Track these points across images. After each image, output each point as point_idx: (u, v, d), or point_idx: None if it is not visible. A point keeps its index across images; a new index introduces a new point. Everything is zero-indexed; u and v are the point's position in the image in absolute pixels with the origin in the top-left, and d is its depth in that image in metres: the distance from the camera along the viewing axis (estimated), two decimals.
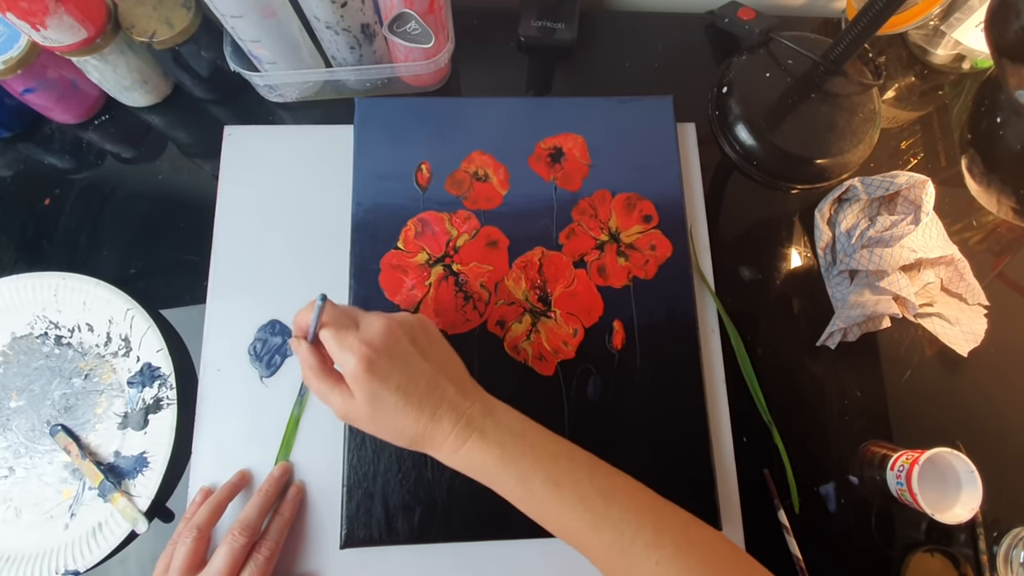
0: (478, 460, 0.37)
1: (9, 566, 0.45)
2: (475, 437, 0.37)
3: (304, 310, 0.39)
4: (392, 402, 0.36)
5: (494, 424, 0.38)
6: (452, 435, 0.37)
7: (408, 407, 0.36)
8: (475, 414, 0.37)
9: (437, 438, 0.37)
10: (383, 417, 0.36)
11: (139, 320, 0.50)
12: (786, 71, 0.57)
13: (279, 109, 0.59)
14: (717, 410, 0.51)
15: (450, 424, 0.37)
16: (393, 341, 0.37)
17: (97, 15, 0.48)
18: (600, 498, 0.36)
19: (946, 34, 0.60)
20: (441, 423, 0.37)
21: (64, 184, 0.56)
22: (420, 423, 0.36)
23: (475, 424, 0.37)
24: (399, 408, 0.36)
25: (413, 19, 0.50)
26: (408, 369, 0.37)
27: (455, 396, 0.37)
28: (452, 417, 0.37)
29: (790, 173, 0.57)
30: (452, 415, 0.37)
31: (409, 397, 0.36)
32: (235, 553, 0.41)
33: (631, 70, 0.62)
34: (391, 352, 0.37)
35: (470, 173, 0.54)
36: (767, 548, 0.49)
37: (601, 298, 0.51)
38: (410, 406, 0.36)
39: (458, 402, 0.37)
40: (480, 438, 0.37)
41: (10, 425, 0.49)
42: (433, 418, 0.37)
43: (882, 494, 0.49)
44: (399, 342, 0.37)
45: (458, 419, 0.37)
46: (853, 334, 0.53)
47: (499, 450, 0.37)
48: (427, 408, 0.36)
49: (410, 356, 0.37)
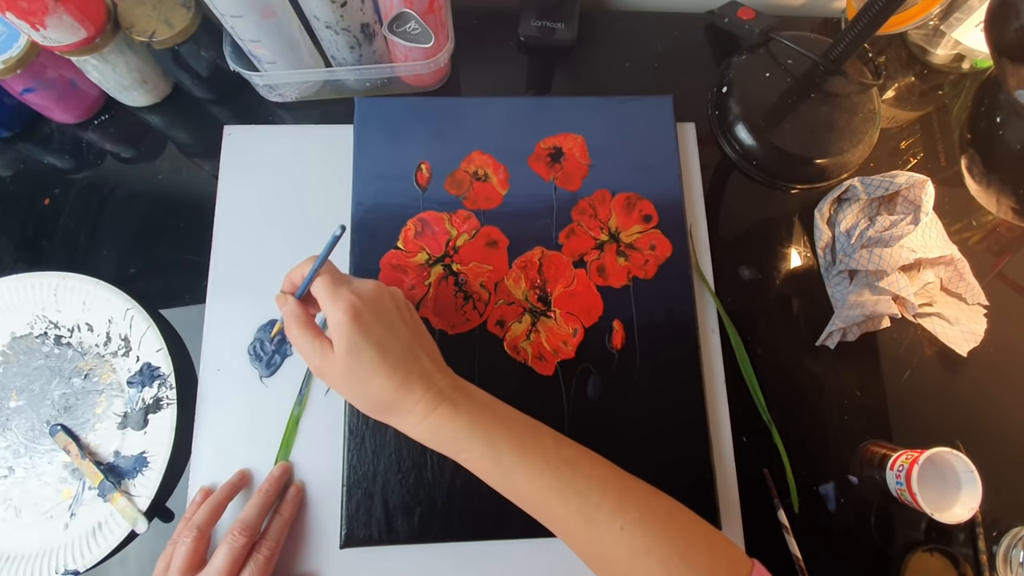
0: (447, 427, 0.37)
1: (9, 566, 0.45)
2: (445, 405, 0.37)
3: (298, 267, 0.40)
4: (369, 356, 0.36)
5: (464, 396, 0.38)
6: (422, 402, 0.37)
7: (383, 365, 0.37)
8: (445, 386, 0.38)
9: (406, 404, 0.37)
10: (357, 372, 0.37)
11: (139, 320, 0.50)
12: (786, 71, 0.57)
13: (279, 109, 0.59)
14: (717, 410, 0.51)
15: (421, 390, 0.37)
16: (381, 300, 0.38)
17: (96, 15, 0.48)
18: (565, 466, 0.37)
19: (946, 34, 0.60)
20: (412, 388, 0.37)
21: (64, 184, 0.56)
22: (392, 384, 0.37)
23: (445, 394, 0.38)
24: (374, 364, 0.36)
25: (413, 19, 0.50)
26: (389, 329, 0.38)
27: (429, 366, 0.38)
28: (423, 384, 0.37)
29: (790, 173, 0.57)
30: (423, 383, 0.37)
31: (385, 355, 0.37)
32: (235, 553, 0.41)
33: (631, 70, 0.62)
34: (376, 310, 0.38)
35: (470, 173, 0.54)
36: (767, 548, 0.49)
37: (601, 298, 0.52)
38: (385, 364, 0.37)
39: (431, 372, 0.38)
40: (450, 407, 0.37)
41: (10, 425, 0.49)
42: (405, 381, 0.37)
43: (882, 494, 0.49)
44: (386, 303, 0.39)
45: (428, 387, 0.38)
46: (853, 334, 0.53)
47: (468, 417, 0.37)
48: (400, 370, 0.37)
49: (393, 319, 0.38)
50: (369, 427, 0.48)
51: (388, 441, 0.47)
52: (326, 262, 0.39)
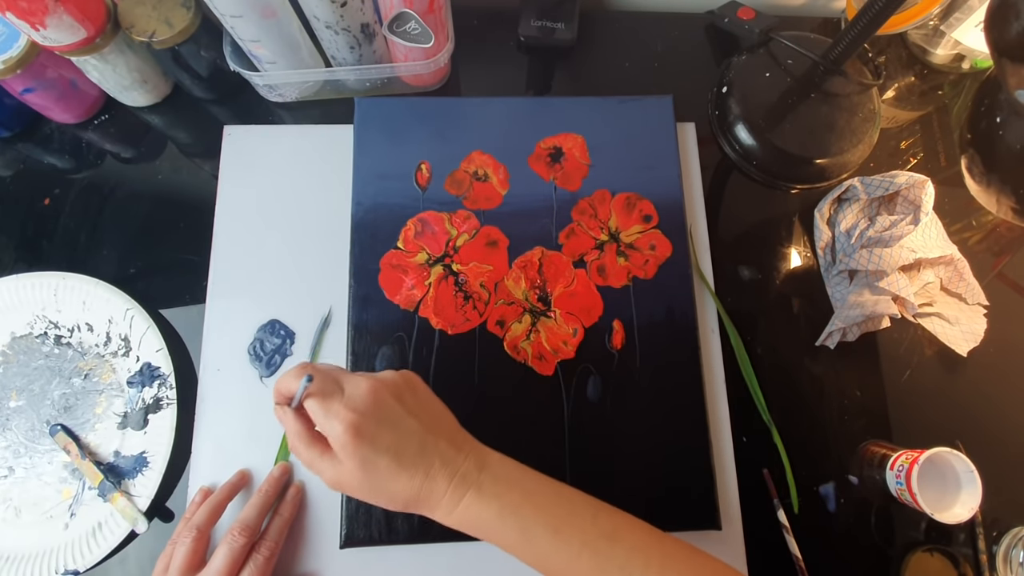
0: (476, 515, 0.36)
1: (9, 566, 0.45)
2: (472, 492, 0.36)
3: (285, 376, 0.38)
4: (384, 465, 0.35)
5: (490, 477, 0.36)
6: (448, 493, 0.36)
7: (400, 469, 0.35)
8: (470, 468, 0.36)
9: (433, 498, 0.36)
10: (376, 482, 0.35)
11: (139, 320, 0.50)
12: (786, 71, 0.57)
13: (279, 109, 0.59)
14: (717, 410, 0.51)
15: (445, 482, 0.36)
16: (379, 403, 0.36)
17: (96, 15, 0.48)
18: (603, 541, 0.35)
19: (946, 34, 0.60)
20: (436, 482, 0.35)
21: (64, 184, 0.56)
22: (414, 484, 0.35)
23: (470, 479, 0.36)
24: (391, 471, 0.35)
25: (413, 19, 0.50)
26: (397, 430, 0.36)
27: (448, 451, 0.36)
28: (446, 474, 0.36)
29: (790, 173, 0.57)
30: (446, 472, 0.36)
31: (401, 459, 0.35)
32: (234, 553, 0.41)
33: (631, 70, 0.62)
34: (378, 415, 0.36)
35: (470, 173, 0.54)
36: (767, 548, 0.49)
37: (601, 298, 0.52)
38: (402, 468, 0.35)
39: (451, 457, 0.36)
40: (477, 493, 0.36)
41: (10, 425, 0.49)
42: (427, 478, 0.35)
43: (882, 494, 0.49)
44: (385, 403, 0.36)
45: (452, 476, 0.36)
46: (852, 334, 0.53)
47: (497, 503, 0.36)
48: (420, 468, 0.35)
49: (398, 416, 0.36)
50: None
51: None
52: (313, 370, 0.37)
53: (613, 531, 0.36)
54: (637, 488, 0.48)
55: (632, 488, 0.48)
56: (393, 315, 0.50)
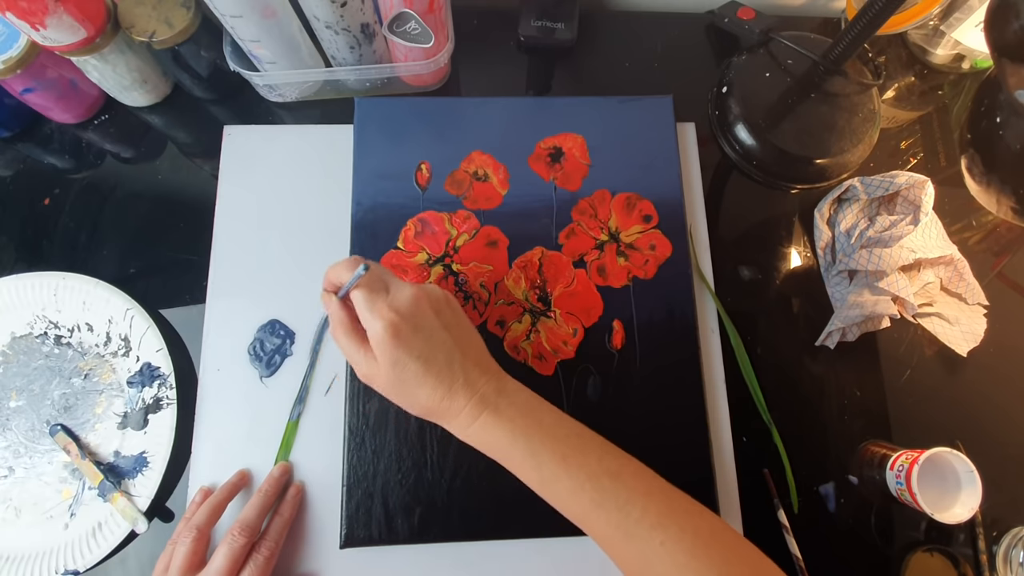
0: (490, 435, 0.38)
1: (9, 566, 0.45)
2: (488, 413, 0.38)
3: (337, 265, 0.40)
4: (412, 370, 0.37)
5: (507, 402, 0.38)
6: (466, 410, 0.38)
7: (427, 377, 0.37)
8: (489, 391, 0.38)
9: (452, 411, 0.38)
10: (402, 384, 0.37)
11: (139, 320, 0.50)
12: (786, 71, 0.57)
13: (279, 109, 0.59)
14: (717, 410, 0.51)
15: (464, 399, 0.38)
16: (420, 311, 0.38)
17: (96, 15, 0.48)
18: (607, 478, 0.37)
19: (946, 34, 0.60)
20: (456, 398, 0.37)
21: (64, 184, 0.56)
22: (436, 395, 0.37)
23: (489, 401, 0.38)
24: (418, 377, 0.37)
25: (413, 19, 0.50)
26: (431, 340, 0.38)
27: (472, 371, 0.38)
28: (467, 393, 0.38)
29: (790, 173, 0.57)
30: (467, 391, 0.38)
31: (429, 367, 0.37)
32: (234, 553, 0.41)
33: (631, 70, 0.62)
34: (416, 322, 0.37)
35: (470, 173, 0.54)
36: (767, 548, 0.48)
37: (601, 298, 0.52)
38: (428, 376, 0.37)
39: (474, 378, 0.38)
40: (493, 414, 0.38)
41: (10, 425, 0.49)
42: (449, 391, 0.37)
43: (882, 494, 0.49)
44: (425, 313, 0.38)
45: (472, 395, 0.38)
46: (852, 334, 0.53)
47: (510, 425, 0.37)
48: (444, 380, 0.37)
49: (434, 328, 0.38)
50: (369, 427, 0.48)
51: (388, 441, 0.47)
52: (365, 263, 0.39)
53: (618, 471, 0.38)
54: None
55: None
56: None
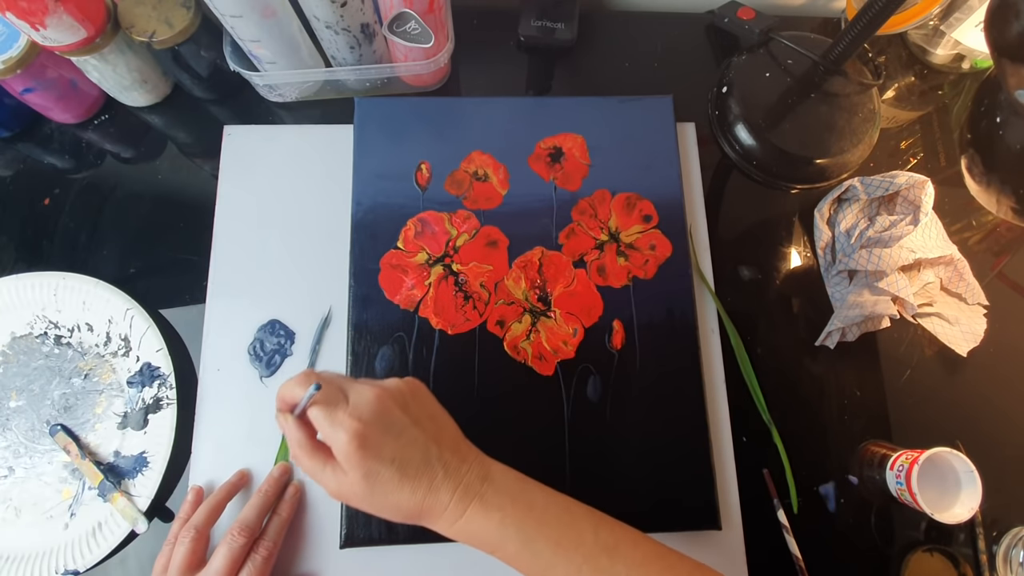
0: (479, 527, 0.36)
1: (9, 566, 0.45)
2: (475, 504, 0.36)
3: (289, 384, 0.37)
4: (387, 476, 0.35)
5: (492, 489, 0.36)
6: (452, 505, 0.36)
7: (404, 480, 0.35)
8: (473, 480, 0.36)
9: (436, 509, 0.36)
10: (379, 493, 0.35)
11: (139, 320, 0.50)
12: (786, 71, 0.57)
13: (279, 109, 0.59)
14: (716, 409, 0.51)
15: (448, 494, 0.36)
16: (384, 412, 0.36)
17: (96, 15, 0.48)
18: (604, 556, 0.36)
19: (946, 34, 0.60)
20: (440, 493, 0.35)
21: (64, 184, 0.56)
22: (417, 496, 0.35)
23: (473, 490, 0.36)
24: (395, 482, 0.35)
25: (413, 19, 0.50)
26: (401, 440, 0.36)
27: (451, 461, 0.36)
28: (450, 486, 0.36)
29: (790, 173, 0.57)
30: (450, 484, 0.36)
31: (405, 469, 0.35)
32: (234, 553, 0.41)
33: (631, 70, 0.62)
34: (383, 425, 0.35)
35: (470, 173, 0.54)
36: (767, 548, 0.49)
37: (601, 298, 0.52)
38: (406, 479, 0.35)
39: (455, 468, 0.36)
40: (480, 504, 0.36)
41: (10, 425, 0.49)
42: (431, 489, 0.35)
43: (881, 494, 0.49)
44: (389, 413, 0.36)
45: (456, 487, 0.36)
46: (852, 334, 0.53)
47: (499, 514, 0.36)
48: (424, 479, 0.35)
49: (403, 426, 0.36)
50: None
51: None
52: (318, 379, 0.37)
53: (615, 546, 0.36)
54: (637, 488, 0.48)
55: (632, 488, 0.48)
56: (393, 315, 0.50)
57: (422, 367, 0.49)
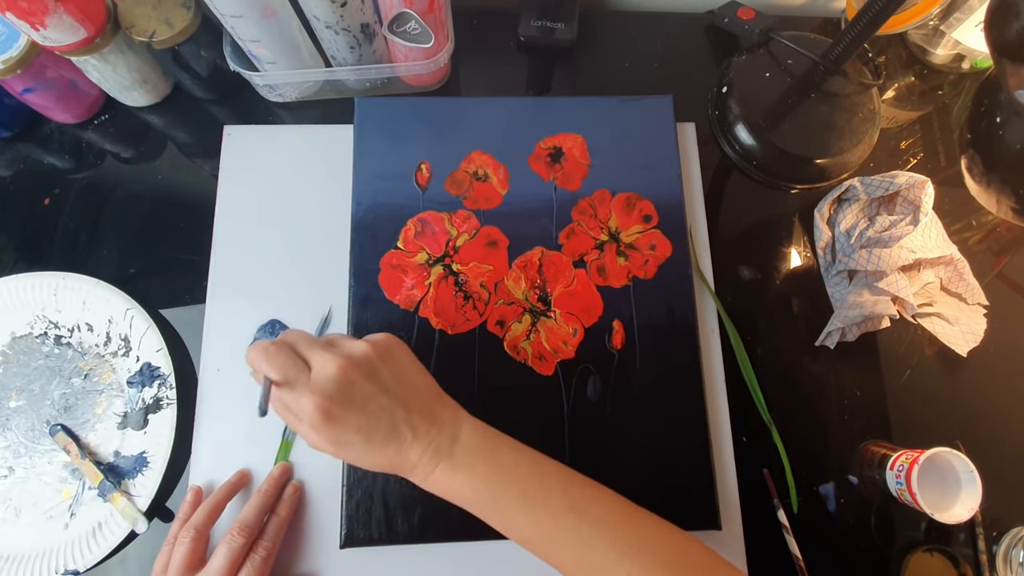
0: (447, 485, 0.37)
1: (9, 566, 0.45)
2: (443, 464, 0.37)
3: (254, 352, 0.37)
4: (354, 443, 0.36)
5: (461, 449, 0.37)
6: (420, 464, 0.37)
7: (370, 445, 0.36)
8: (442, 442, 0.37)
9: (406, 467, 0.37)
10: (351, 456, 0.37)
11: (139, 320, 0.50)
12: (786, 71, 0.57)
13: (279, 109, 0.59)
14: (716, 409, 0.51)
15: (416, 454, 0.37)
16: (347, 384, 0.36)
17: (96, 15, 0.48)
18: (571, 514, 0.36)
19: (946, 34, 0.60)
20: (408, 455, 0.37)
21: (64, 184, 0.56)
22: (387, 456, 0.37)
23: (442, 452, 0.37)
24: (363, 448, 0.36)
25: (413, 19, 0.50)
26: (366, 410, 0.36)
27: (421, 425, 0.37)
28: (418, 448, 0.37)
29: (790, 173, 0.57)
30: (417, 446, 0.37)
31: (371, 436, 0.36)
32: (234, 553, 0.41)
33: (631, 70, 0.62)
34: (345, 397, 0.36)
35: (470, 173, 0.54)
36: (767, 548, 0.49)
37: (601, 298, 0.52)
38: (372, 443, 0.36)
39: (424, 431, 0.37)
40: (448, 464, 0.37)
41: (10, 425, 0.49)
42: (399, 451, 0.37)
43: (881, 494, 0.49)
44: (353, 384, 0.36)
45: (424, 449, 0.37)
46: (852, 334, 0.53)
47: (467, 474, 0.37)
48: (392, 443, 0.36)
49: (368, 396, 0.36)
50: None
51: None
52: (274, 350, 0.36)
53: (584, 505, 0.37)
54: (637, 487, 0.47)
55: (632, 488, 0.47)
56: (393, 315, 0.50)
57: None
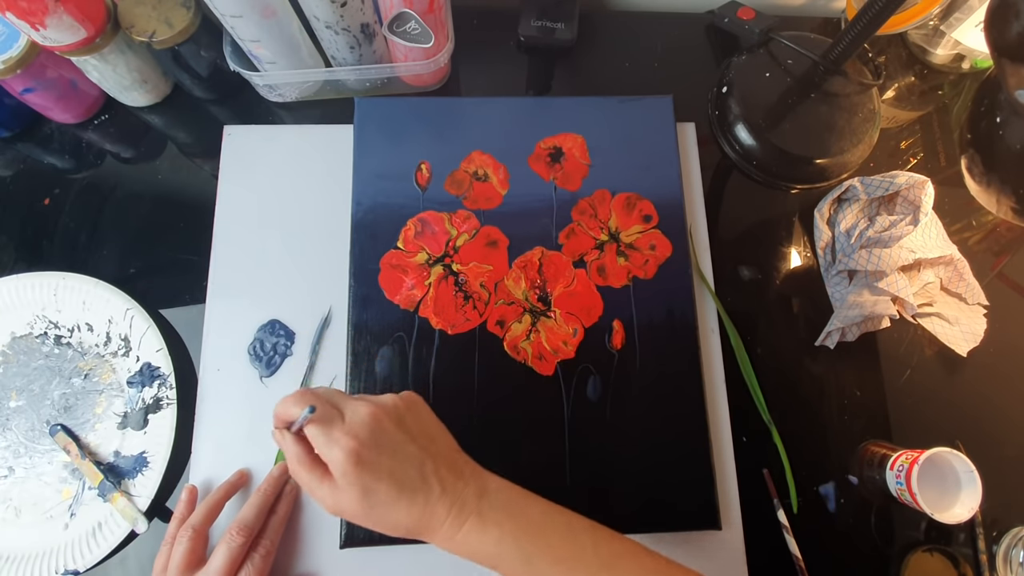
0: (476, 543, 0.36)
1: (9, 566, 0.45)
2: (472, 519, 0.36)
3: (285, 402, 0.38)
4: (383, 493, 0.35)
5: (489, 505, 0.36)
6: (449, 520, 0.36)
7: (400, 496, 0.35)
8: (469, 496, 0.36)
9: (433, 524, 0.36)
10: (376, 510, 0.35)
11: (139, 320, 0.50)
12: (786, 71, 0.57)
13: (279, 109, 0.59)
14: (716, 410, 0.51)
15: (444, 510, 0.35)
16: (379, 430, 0.36)
17: (96, 15, 0.48)
18: (604, 571, 0.35)
19: (946, 34, 0.60)
20: (435, 510, 0.35)
21: (64, 184, 0.56)
22: (414, 512, 0.35)
23: (470, 507, 0.36)
24: (391, 498, 0.35)
25: (413, 19, 0.50)
26: (396, 456, 0.36)
27: (448, 477, 0.36)
28: (446, 501, 0.36)
29: (790, 173, 0.57)
30: (446, 500, 0.36)
31: (401, 487, 0.35)
32: (233, 552, 0.41)
33: (631, 70, 0.62)
34: (378, 442, 0.36)
35: (470, 173, 0.54)
36: (767, 548, 0.49)
37: (601, 298, 0.51)
38: (402, 496, 0.35)
39: (451, 483, 0.36)
40: (478, 520, 0.36)
41: (10, 425, 0.49)
42: (427, 504, 0.35)
43: (881, 494, 0.49)
44: (385, 430, 0.36)
45: (453, 502, 0.36)
46: (852, 334, 0.53)
47: (497, 530, 0.36)
48: (420, 494, 0.35)
49: (398, 443, 0.36)
50: None
51: None
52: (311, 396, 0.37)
53: (614, 561, 0.36)
54: (637, 488, 0.48)
55: (632, 488, 0.48)
56: (393, 315, 0.50)
57: (422, 367, 0.49)
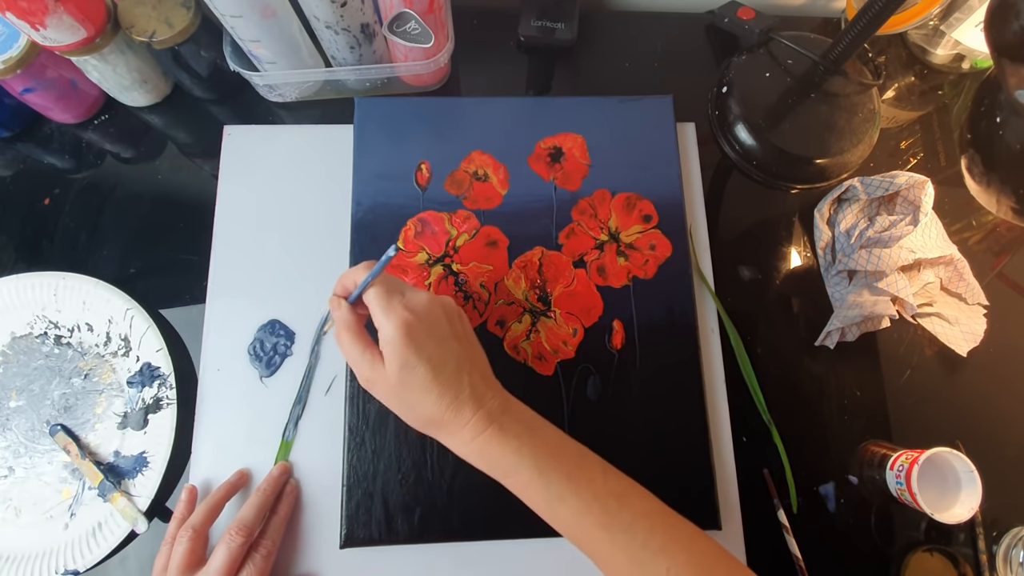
0: (495, 450, 0.37)
1: (9, 566, 0.45)
2: (493, 428, 0.37)
3: (355, 269, 0.40)
4: (421, 374, 0.36)
5: (512, 419, 0.38)
6: (471, 423, 0.37)
7: (434, 383, 0.36)
8: (495, 407, 0.37)
9: (456, 423, 0.37)
10: (408, 389, 0.36)
11: (139, 320, 0.50)
12: (786, 71, 0.57)
13: (279, 109, 0.59)
14: (716, 410, 0.51)
15: (470, 412, 0.37)
16: (434, 316, 0.38)
17: (96, 15, 0.48)
18: (613, 500, 0.36)
19: (946, 34, 0.60)
20: (462, 409, 0.37)
21: (64, 184, 0.56)
22: (442, 404, 0.36)
23: (494, 416, 0.37)
24: (426, 382, 0.36)
25: (413, 19, 0.50)
26: (442, 346, 0.37)
27: (479, 385, 0.38)
28: (473, 405, 0.37)
29: (790, 173, 0.57)
30: (473, 403, 0.37)
31: (437, 373, 0.36)
32: (233, 552, 0.41)
33: (631, 70, 0.62)
34: (430, 327, 0.37)
35: (470, 173, 0.54)
36: (767, 548, 0.49)
37: (601, 298, 0.52)
38: (436, 383, 0.36)
39: (481, 391, 0.37)
40: (498, 431, 0.37)
41: (10, 425, 0.49)
42: (455, 401, 0.36)
43: (882, 494, 0.49)
44: (439, 319, 0.38)
45: (478, 408, 0.37)
46: (852, 334, 0.53)
47: (516, 442, 0.37)
48: (452, 389, 0.36)
49: (446, 335, 0.38)
50: (369, 427, 0.48)
51: (388, 441, 0.47)
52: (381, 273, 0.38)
53: (622, 493, 0.37)
54: None
55: None
56: None
57: None
